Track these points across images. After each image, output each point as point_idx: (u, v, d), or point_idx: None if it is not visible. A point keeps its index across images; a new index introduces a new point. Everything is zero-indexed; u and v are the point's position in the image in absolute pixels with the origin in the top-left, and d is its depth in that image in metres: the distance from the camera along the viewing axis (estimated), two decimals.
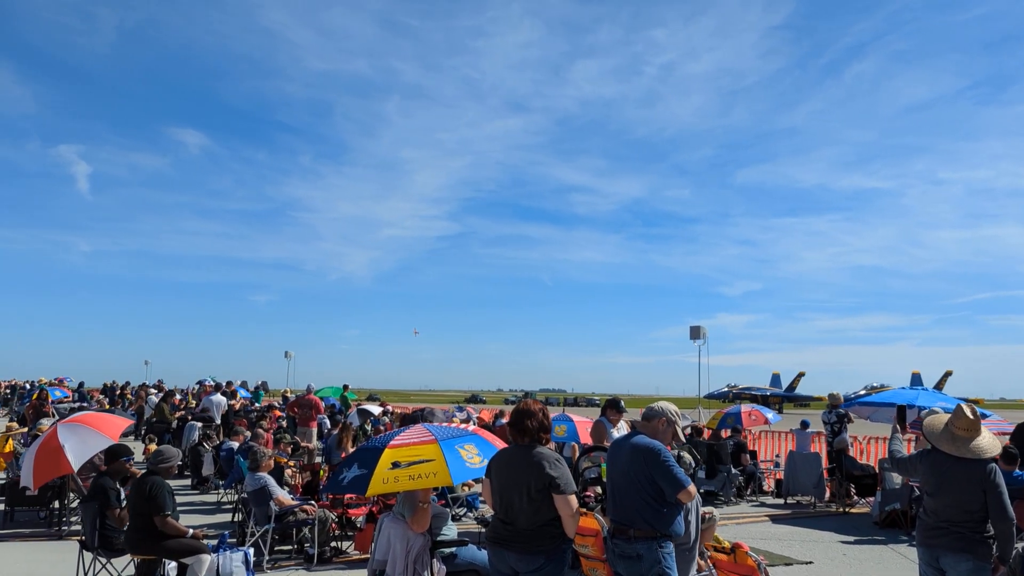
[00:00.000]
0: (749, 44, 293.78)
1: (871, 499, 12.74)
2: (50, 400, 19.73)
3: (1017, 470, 9.13)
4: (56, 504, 10.87)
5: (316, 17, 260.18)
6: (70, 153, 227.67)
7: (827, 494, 13.62)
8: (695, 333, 31.02)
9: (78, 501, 9.55)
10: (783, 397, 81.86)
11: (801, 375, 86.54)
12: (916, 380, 63.63)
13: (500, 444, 5.71)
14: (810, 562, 9.20)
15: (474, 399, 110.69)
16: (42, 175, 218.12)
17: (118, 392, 31.67)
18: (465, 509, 11.31)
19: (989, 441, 5.15)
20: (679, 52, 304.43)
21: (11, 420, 22.52)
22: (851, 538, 10.84)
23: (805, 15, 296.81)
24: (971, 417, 5.14)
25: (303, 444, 15.03)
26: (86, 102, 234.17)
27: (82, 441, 8.59)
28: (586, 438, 10.76)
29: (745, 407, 18.53)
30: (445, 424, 7.04)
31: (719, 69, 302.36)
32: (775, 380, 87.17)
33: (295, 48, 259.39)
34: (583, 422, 11.48)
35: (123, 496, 7.57)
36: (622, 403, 9.49)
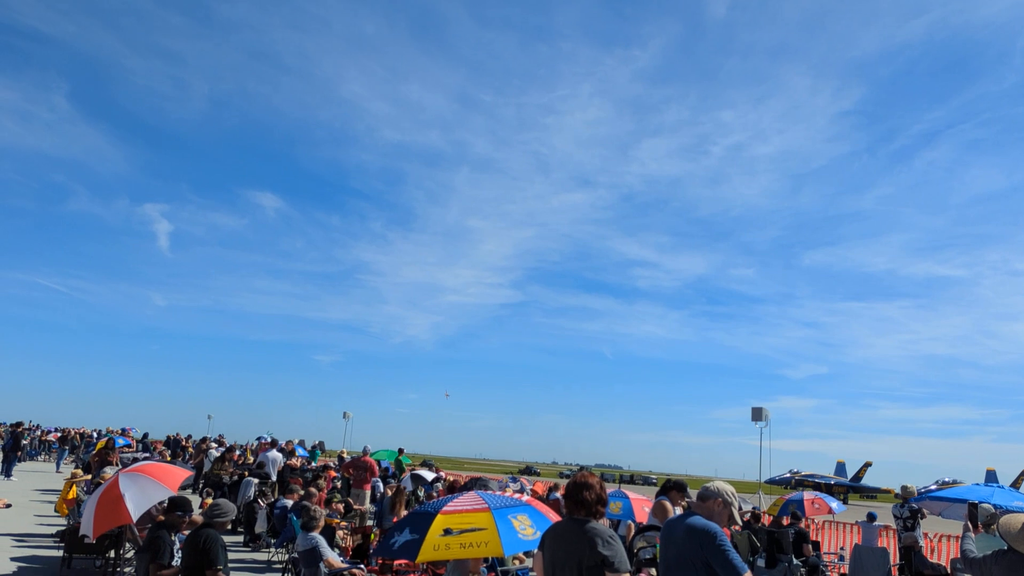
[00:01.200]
0: (817, 128, 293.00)
1: None
2: (116, 449, 20.23)
3: None
4: (112, 553, 10.99)
5: (394, 90, 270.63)
6: (154, 212, 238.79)
7: None
8: (757, 415, 30.19)
9: (134, 551, 9.68)
10: (848, 487, 78.50)
11: (868, 465, 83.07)
12: (991, 477, 60.29)
13: (554, 517, 5.62)
14: None
15: (528, 471, 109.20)
16: (126, 232, 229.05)
17: (180, 444, 32.29)
18: None
19: None
20: (747, 134, 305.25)
21: (76, 467, 23.17)
22: None
23: (875, 102, 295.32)
24: None
25: (356, 506, 15.02)
26: (173, 164, 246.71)
27: (142, 491, 8.74)
28: (641, 516, 10.49)
29: (808, 495, 17.84)
30: (499, 493, 6.97)
31: (786, 151, 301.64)
32: (840, 469, 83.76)
33: (372, 119, 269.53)
34: (639, 500, 11.21)
35: (178, 547, 7.66)
36: (687, 486, 9.21)
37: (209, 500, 13.43)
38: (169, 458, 25.32)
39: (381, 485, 18.12)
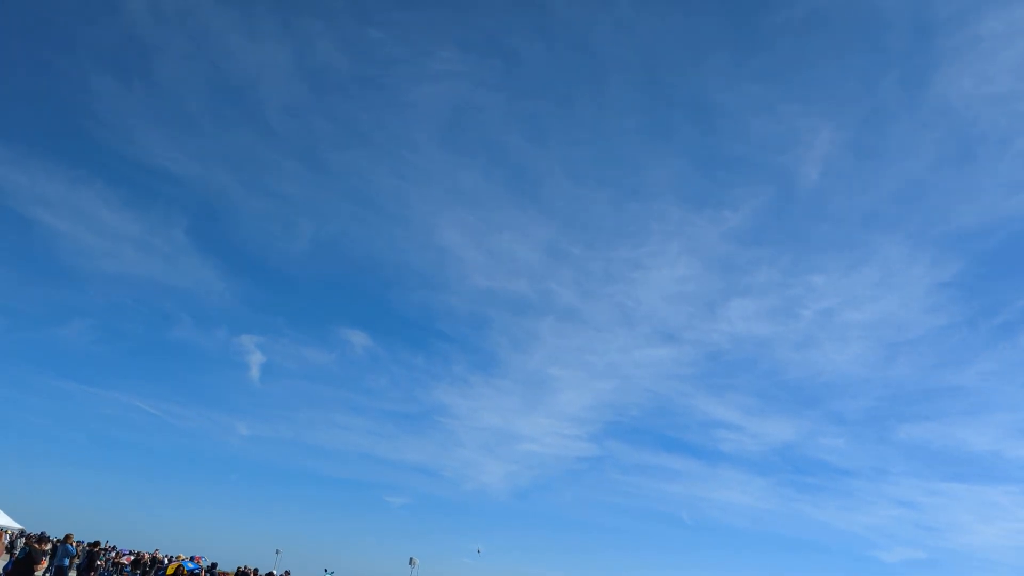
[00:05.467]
0: (914, 297, 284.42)
1: None
2: (185, 574, 20.40)
3: None
4: None
5: (487, 239, 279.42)
6: (250, 343, 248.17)
7: None
8: None
9: None
10: None
11: None
12: None
13: None
14: None
15: None
16: (222, 361, 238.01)
17: None
18: None
19: None
20: (839, 299, 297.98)
21: None
22: None
23: (976, 275, 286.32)
24: None
25: None
26: (273, 298, 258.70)
27: None
28: None
29: None
30: None
31: (881, 319, 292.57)
32: None
33: (463, 265, 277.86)
34: None
35: None
36: None
37: None
38: None
39: None
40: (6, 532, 33.28)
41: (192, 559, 35.23)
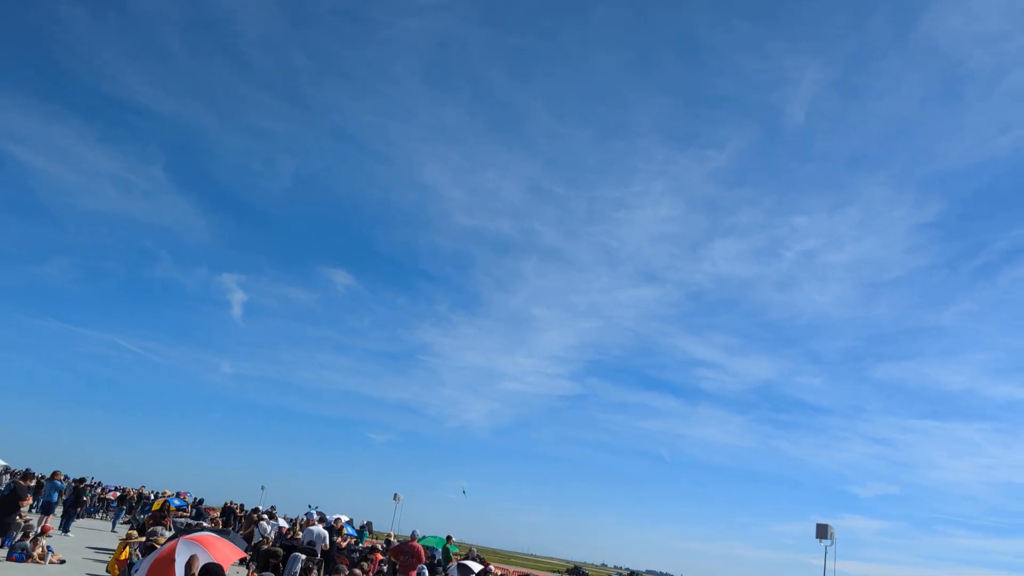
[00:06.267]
0: (895, 239, 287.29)
1: None
2: (171, 510, 20.46)
3: None
4: None
5: (470, 177, 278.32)
6: (231, 281, 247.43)
7: None
8: (822, 532, 28.76)
9: None
10: None
11: None
12: None
13: None
14: None
15: (576, 571, 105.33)
16: (203, 299, 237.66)
17: (235, 514, 32.41)
18: None
19: None
20: (821, 240, 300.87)
21: (132, 527, 23.46)
22: None
23: (957, 216, 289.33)
24: None
25: None
26: (254, 237, 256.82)
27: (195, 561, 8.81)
28: None
29: None
30: None
31: (862, 260, 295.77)
32: None
33: (446, 204, 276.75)
34: None
35: None
36: None
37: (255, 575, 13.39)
38: (222, 525, 25.46)
39: (427, 573, 17.78)
40: None
41: (178, 495, 35.51)
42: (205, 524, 22.51)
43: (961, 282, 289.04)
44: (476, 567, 18.98)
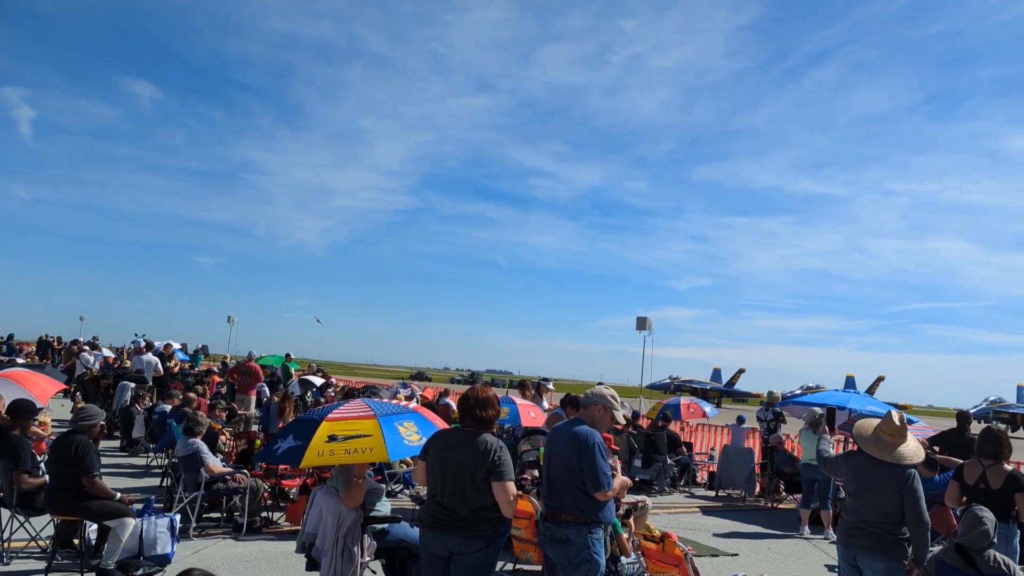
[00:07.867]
0: (715, 42, 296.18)
1: (799, 496, 13.08)
2: None
3: (936, 476, 9.44)
4: None
5: None
6: (14, 96, 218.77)
7: (757, 489, 13.97)
8: (641, 324, 31.34)
9: None
10: (722, 392, 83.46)
11: (741, 371, 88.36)
12: (850, 383, 65.34)
13: (440, 423, 5.68)
14: (735, 554, 9.40)
15: (420, 376, 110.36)
16: None
17: (52, 347, 30.68)
18: (401, 486, 11.27)
19: (913, 448, 5.32)
20: (647, 44, 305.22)
21: None
22: (777, 532, 11.14)
23: (772, 19, 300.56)
24: (898, 424, 5.29)
25: (240, 411, 14.79)
26: (35, 45, 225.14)
27: (9, 398, 8.28)
28: (527, 422, 10.80)
29: (684, 399, 18.79)
30: (387, 401, 6.97)
31: (684, 64, 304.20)
32: (716, 375, 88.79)
33: (258, 6, 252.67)
34: (525, 405, 11.49)
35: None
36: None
37: (81, 405, 12.90)
38: (39, 361, 24.09)
39: (267, 391, 17.88)
40: None
41: None
42: (19, 360, 21.21)
43: (773, 83, 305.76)
44: (318, 381, 19.27)
